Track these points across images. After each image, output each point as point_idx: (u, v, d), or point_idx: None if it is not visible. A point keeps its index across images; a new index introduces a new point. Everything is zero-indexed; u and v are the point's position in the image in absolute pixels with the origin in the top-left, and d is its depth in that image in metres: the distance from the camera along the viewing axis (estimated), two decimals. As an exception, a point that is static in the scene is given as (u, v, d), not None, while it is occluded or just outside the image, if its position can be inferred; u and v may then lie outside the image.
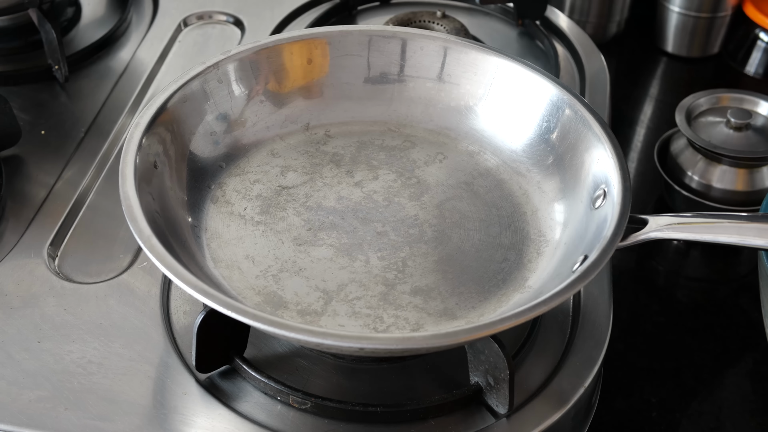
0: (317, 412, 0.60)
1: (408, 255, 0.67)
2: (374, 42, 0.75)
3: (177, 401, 0.61)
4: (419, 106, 0.77)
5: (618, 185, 0.62)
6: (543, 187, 0.71)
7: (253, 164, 0.73)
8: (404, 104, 0.77)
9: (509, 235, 0.68)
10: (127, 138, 0.64)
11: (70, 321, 0.66)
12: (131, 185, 0.61)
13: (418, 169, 0.74)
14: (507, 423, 0.60)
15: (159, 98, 0.68)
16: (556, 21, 0.97)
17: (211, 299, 0.54)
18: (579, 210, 0.66)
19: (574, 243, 0.64)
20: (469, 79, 0.75)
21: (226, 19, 0.98)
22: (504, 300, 0.64)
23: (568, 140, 0.70)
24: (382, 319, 0.62)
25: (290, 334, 0.53)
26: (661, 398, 0.73)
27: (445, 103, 0.76)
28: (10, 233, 0.73)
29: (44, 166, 0.80)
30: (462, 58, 0.75)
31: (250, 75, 0.73)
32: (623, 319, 0.78)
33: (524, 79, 0.73)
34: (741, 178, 0.83)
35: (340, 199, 0.71)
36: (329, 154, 0.74)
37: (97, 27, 0.96)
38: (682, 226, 0.60)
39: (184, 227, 0.66)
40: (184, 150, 0.69)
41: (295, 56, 0.75)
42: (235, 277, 0.65)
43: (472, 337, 0.55)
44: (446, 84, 0.76)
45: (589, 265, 0.57)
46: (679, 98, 0.87)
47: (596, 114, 0.68)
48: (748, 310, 0.80)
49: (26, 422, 0.60)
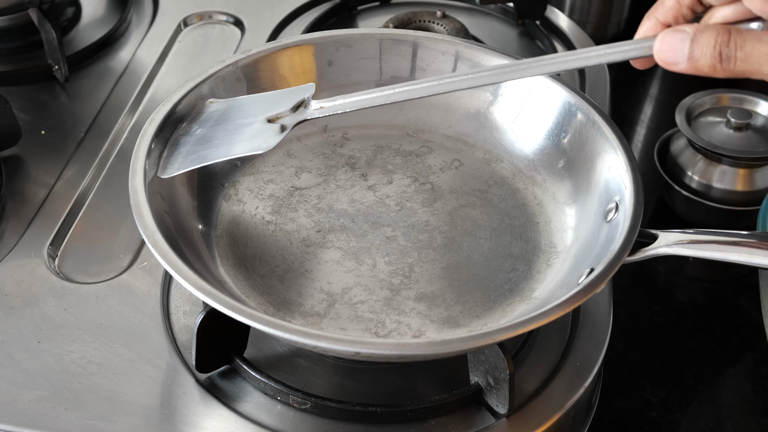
0: (317, 412, 0.60)
1: (416, 261, 0.66)
2: (394, 46, 0.75)
3: (177, 401, 0.61)
4: (438, 112, 0.76)
5: (630, 198, 0.62)
6: (557, 197, 0.70)
7: (269, 164, 0.73)
8: (423, 109, 0.76)
9: (520, 244, 0.68)
10: (141, 133, 0.64)
11: (70, 321, 0.66)
12: (140, 180, 0.61)
13: (433, 174, 0.73)
14: (507, 423, 0.60)
15: (175, 95, 0.68)
16: (556, 21, 0.97)
17: (210, 297, 0.54)
18: (590, 219, 0.66)
19: (583, 254, 0.64)
20: (489, 86, 0.74)
21: (226, 19, 0.98)
22: (509, 310, 0.63)
23: (579, 144, 0.69)
24: (384, 324, 0.62)
25: (286, 335, 0.53)
26: (661, 398, 0.73)
27: (465, 110, 0.76)
28: (10, 233, 0.73)
29: (44, 166, 0.80)
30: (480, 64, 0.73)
31: (269, 75, 0.73)
32: (623, 319, 0.78)
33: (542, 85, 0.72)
34: (741, 178, 0.83)
35: (352, 202, 0.71)
36: (345, 157, 0.74)
37: (97, 27, 0.96)
38: (692, 244, 0.59)
39: (192, 226, 0.66)
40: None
41: (316, 57, 0.74)
42: (241, 276, 0.65)
43: (468, 346, 0.55)
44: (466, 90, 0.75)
45: (593, 279, 0.56)
46: (679, 98, 0.87)
47: (611, 122, 0.67)
48: (748, 310, 0.80)
49: (26, 422, 0.60)
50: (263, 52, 0.73)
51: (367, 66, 0.75)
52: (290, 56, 0.74)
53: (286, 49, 0.73)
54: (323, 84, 0.75)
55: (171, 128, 0.66)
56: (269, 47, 0.73)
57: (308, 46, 0.74)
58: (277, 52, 0.73)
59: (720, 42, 0.51)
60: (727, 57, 0.51)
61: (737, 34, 0.51)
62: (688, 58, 0.52)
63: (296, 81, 0.74)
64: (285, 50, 0.73)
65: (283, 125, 0.64)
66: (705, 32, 0.51)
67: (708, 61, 0.51)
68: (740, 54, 0.50)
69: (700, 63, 0.51)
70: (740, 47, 0.50)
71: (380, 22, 0.95)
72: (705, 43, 0.51)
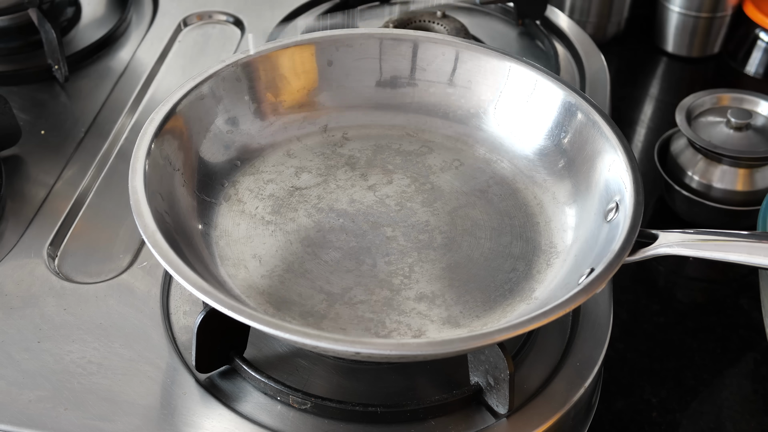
0: (317, 412, 0.60)
1: (416, 261, 0.66)
2: (395, 46, 0.75)
3: (177, 401, 0.61)
4: (439, 112, 0.76)
5: (630, 198, 0.62)
6: (557, 197, 0.70)
7: (269, 164, 0.73)
8: (424, 109, 0.76)
9: (520, 244, 0.68)
10: (141, 133, 0.64)
11: (70, 321, 0.66)
12: (140, 180, 0.61)
13: (433, 174, 0.73)
14: (507, 423, 0.60)
15: (175, 95, 0.68)
16: (556, 21, 0.97)
17: (210, 297, 0.54)
18: (590, 219, 0.66)
19: (583, 254, 0.64)
20: (489, 85, 0.74)
21: (226, 19, 0.98)
22: (509, 310, 0.63)
23: (579, 144, 0.69)
24: (385, 324, 0.62)
25: (286, 335, 0.53)
26: (661, 398, 0.73)
27: (465, 110, 0.76)
28: (10, 233, 0.73)
29: (44, 166, 0.80)
30: (482, 65, 0.74)
31: (270, 74, 0.73)
32: (623, 319, 0.78)
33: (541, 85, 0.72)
34: (741, 178, 0.83)
35: (352, 202, 0.71)
36: (345, 157, 0.74)
37: (97, 27, 0.96)
38: (692, 243, 0.59)
39: (192, 226, 0.66)
40: (197, 148, 0.69)
41: (316, 57, 0.74)
42: (241, 276, 0.65)
43: (468, 346, 0.55)
44: (466, 90, 0.75)
45: (593, 279, 0.56)
46: (679, 98, 0.87)
47: (611, 122, 0.67)
48: (748, 310, 0.80)
49: (26, 422, 0.60)
50: (263, 52, 0.73)
51: (367, 66, 0.75)
52: (290, 56, 0.74)
53: (286, 49, 0.73)
54: (323, 84, 0.75)
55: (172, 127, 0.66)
56: (269, 47, 0.73)
57: (308, 46, 0.74)
58: (277, 52, 0.73)
59: None
60: None
61: None
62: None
63: (296, 81, 0.74)
64: (285, 50, 0.73)
65: None
66: None
67: None
68: None
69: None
70: None
71: (380, 22, 0.95)
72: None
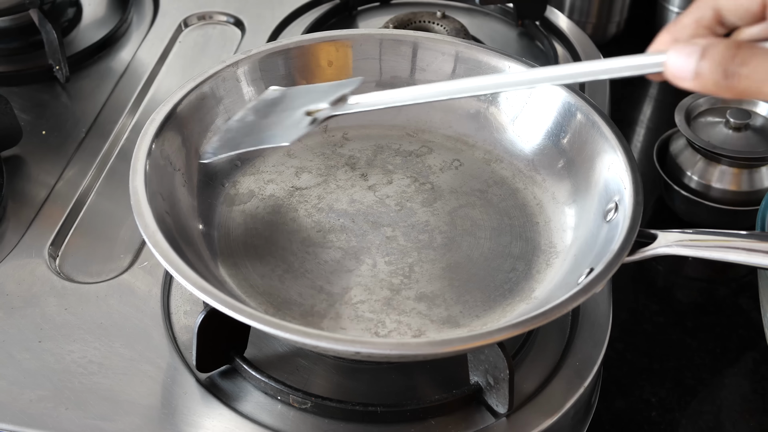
0: (317, 412, 0.60)
1: (416, 261, 0.67)
2: (394, 46, 0.75)
3: (177, 401, 0.61)
4: (438, 112, 0.76)
5: (630, 198, 0.62)
6: (557, 197, 0.70)
7: (269, 164, 0.73)
8: (424, 109, 0.76)
9: (520, 244, 0.68)
10: (142, 133, 0.64)
11: (70, 321, 0.66)
12: (141, 180, 0.61)
13: (433, 174, 0.73)
14: (507, 423, 0.60)
15: (175, 95, 0.68)
16: (555, 21, 0.97)
17: (211, 297, 0.54)
18: (590, 219, 0.66)
19: (582, 254, 0.64)
20: None
21: (226, 19, 0.98)
22: (509, 310, 0.64)
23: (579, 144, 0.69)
24: (384, 324, 0.62)
25: (286, 335, 0.53)
26: (661, 398, 0.73)
27: (465, 110, 0.76)
28: (11, 233, 0.73)
29: (45, 166, 0.80)
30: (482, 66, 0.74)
31: (270, 75, 0.73)
32: (623, 319, 0.78)
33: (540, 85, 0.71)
34: (740, 178, 0.83)
35: (352, 202, 0.71)
36: (345, 157, 0.74)
37: (97, 27, 0.97)
38: (691, 243, 0.59)
39: (193, 226, 0.66)
40: (198, 148, 0.69)
41: (316, 58, 0.74)
42: (241, 276, 0.65)
43: (468, 346, 0.55)
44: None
45: (593, 279, 0.56)
46: (679, 98, 0.87)
47: (611, 122, 0.67)
48: (748, 310, 0.80)
49: (27, 422, 0.60)
50: (263, 53, 0.73)
51: (367, 66, 0.75)
52: (290, 57, 0.74)
53: (287, 49, 0.73)
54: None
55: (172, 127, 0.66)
56: (269, 47, 0.73)
57: (308, 46, 0.74)
58: (277, 52, 0.73)
59: (726, 57, 0.46)
60: (731, 73, 0.46)
61: (746, 50, 0.45)
62: (695, 75, 0.47)
63: (296, 81, 0.74)
64: (285, 51, 0.73)
65: (315, 118, 0.63)
66: (715, 47, 0.46)
67: (712, 77, 0.46)
68: (744, 71, 0.45)
69: (705, 80, 0.46)
70: (745, 63, 0.45)
71: (380, 22, 0.95)
72: (712, 58, 0.46)
